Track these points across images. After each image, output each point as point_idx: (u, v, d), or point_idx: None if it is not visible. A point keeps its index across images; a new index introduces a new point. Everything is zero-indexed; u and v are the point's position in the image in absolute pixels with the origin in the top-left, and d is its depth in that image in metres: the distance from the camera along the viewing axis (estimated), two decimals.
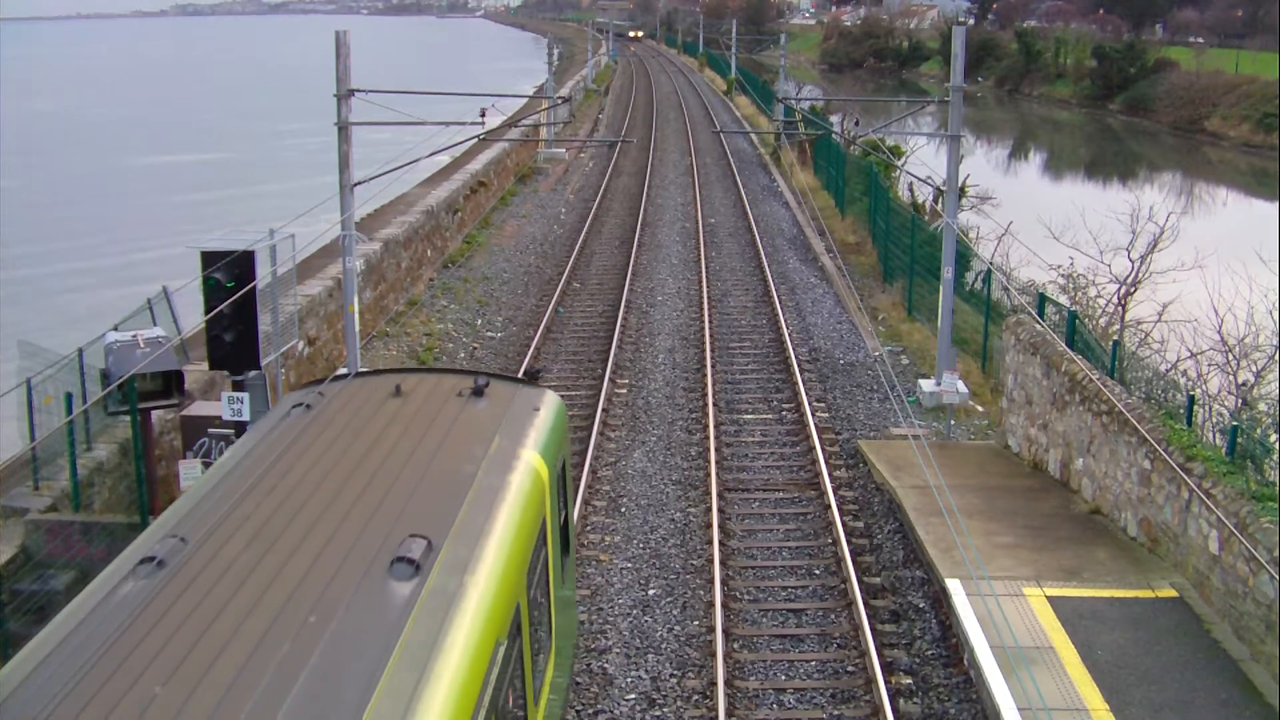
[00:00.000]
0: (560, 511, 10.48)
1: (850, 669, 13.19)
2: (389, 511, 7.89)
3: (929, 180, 30.16)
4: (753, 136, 59.83)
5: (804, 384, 22.38)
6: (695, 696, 12.69)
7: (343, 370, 14.31)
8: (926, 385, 21.14)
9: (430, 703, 6.06)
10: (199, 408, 15.40)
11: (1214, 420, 15.25)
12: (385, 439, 9.27)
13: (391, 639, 6.38)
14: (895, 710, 12.12)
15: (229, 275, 12.77)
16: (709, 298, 29.06)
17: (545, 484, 9.48)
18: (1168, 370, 21.93)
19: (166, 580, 7.01)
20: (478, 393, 10.36)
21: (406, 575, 7.01)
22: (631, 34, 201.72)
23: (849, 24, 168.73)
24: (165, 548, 7.35)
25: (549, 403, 10.74)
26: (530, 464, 9.30)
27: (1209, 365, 24.26)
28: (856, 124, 45.52)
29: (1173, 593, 13.62)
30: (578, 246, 35.01)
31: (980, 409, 21.40)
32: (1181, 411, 14.91)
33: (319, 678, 6.04)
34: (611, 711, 12.44)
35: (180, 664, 6.09)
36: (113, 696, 5.80)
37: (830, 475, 18.19)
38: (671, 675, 13.12)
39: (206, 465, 13.81)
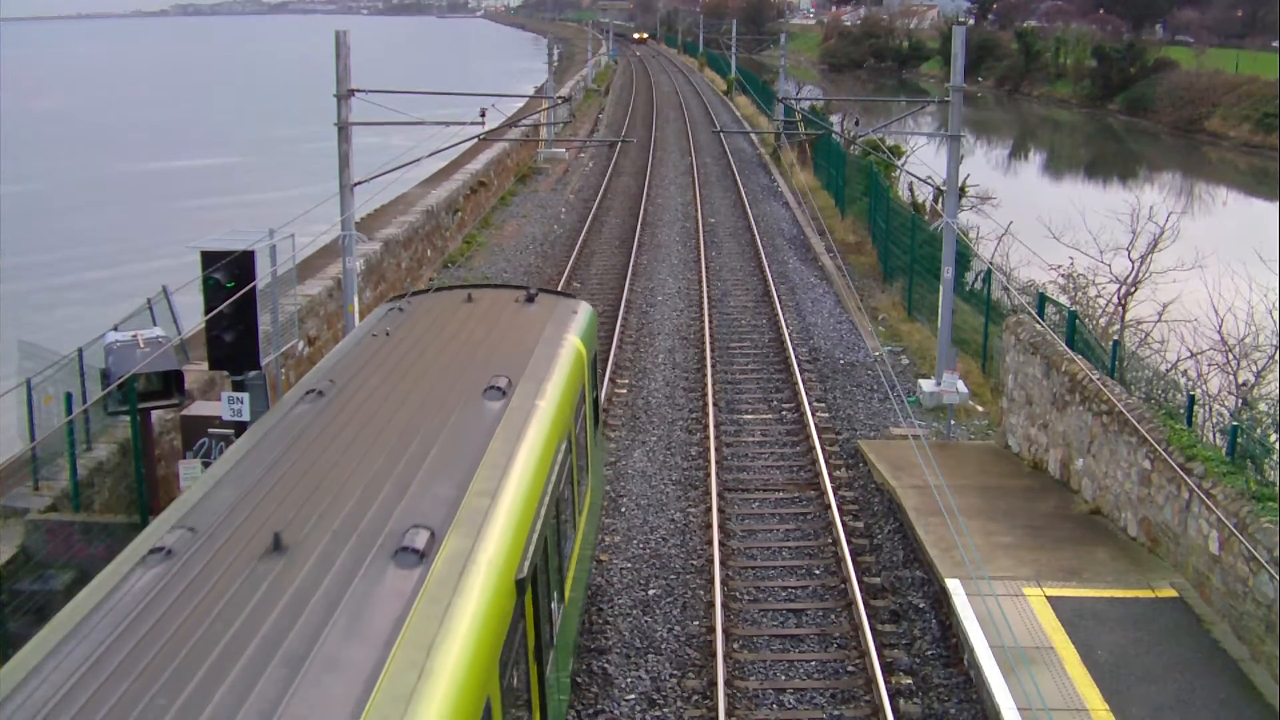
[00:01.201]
0: (594, 387, 13.79)
1: (850, 669, 13.19)
2: (477, 366, 11.09)
3: (929, 180, 30.19)
4: (753, 136, 59.83)
5: (804, 384, 22.38)
6: (695, 696, 12.69)
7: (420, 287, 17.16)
8: (926, 385, 21.16)
9: (522, 468, 9.17)
10: (199, 408, 15.40)
11: (1214, 420, 15.27)
12: (465, 326, 12.59)
13: (484, 441, 9.34)
14: (895, 710, 12.12)
15: (229, 275, 12.75)
16: (709, 298, 29.06)
17: (583, 358, 12.79)
18: (1168, 370, 21.93)
19: (326, 406, 10.08)
20: (530, 299, 13.86)
21: (496, 398, 10.29)
22: (636, 36, 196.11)
23: (849, 24, 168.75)
24: (324, 377, 10.89)
25: (583, 308, 14.11)
26: (573, 343, 12.59)
27: (1209, 365, 24.27)
28: (856, 124, 45.51)
29: (1173, 593, 13.61)
30: (578, 246, 35.01)
31: (980, 409, 21.40)
32: (1181, 411, 14.91)
33: (442, 462, 8.87)
34: (611, 711, 12.44)
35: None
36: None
37: (830, 475, 18.19)
38: (671, 675, 13.12)
39: (206, 465, 13.80)
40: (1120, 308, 28.72)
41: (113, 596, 6.95)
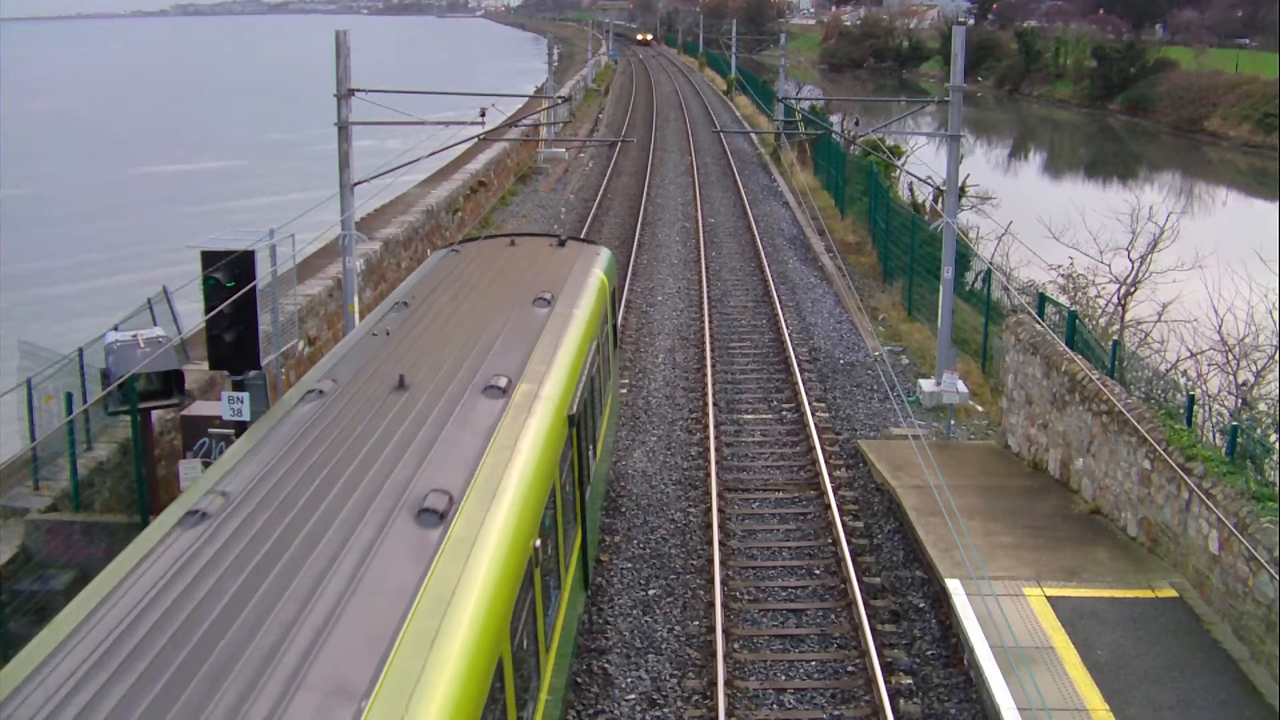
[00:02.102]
0: (613, 314, 17.17)
1: (850, 669, 13.19)
2: (524, 287, 14.32)
3: (929, 180, 30.18)
4: (753, 136, 59.82)
5: (804, 384, 22.38)
6: (695, 697, 12.69)
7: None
8: (926, 385, 21.16)
9: (566, 347, 12.47)
10: (199, 408, 15.40)
11: (1214, 420, 15.26)
12: (511, 262, 15.84)
13: (538, 332, 12.58)
14: (895, 710, 12.12)
15: (229, 275, 12.75)
16: (709, 297, 29.06)
17: (606, 288, 16.04)
18: (1168, 370, 21.93)
19: (414, 311, 13.31)
20: (561, 244, 17.24)
21: (543, 306, 13.58)
22: (639, 37, 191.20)
23: (849, 24, 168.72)
24: (403, 298, 14.01)
25: (604, 251, 17.53)
26: (597, 275, 15.88)
27: (1209, 365, 24.26)
28: (856, 124, 45.48)
29: (1173, 593, 13.62)
30: None
31: (980, 409, 21.40)
32: (1181, 411, 14.90)
33: (508, 342, 12.04)
34: (612, 712, 12.44)
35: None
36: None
37: (830, 475, 18.19)
38: (672, 675, 13.12)
39: (206, 465, 13.80)
40: (1120, 308, 28.72)
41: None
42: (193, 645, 6.35)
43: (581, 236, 24.10)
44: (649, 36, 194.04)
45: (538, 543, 9.10)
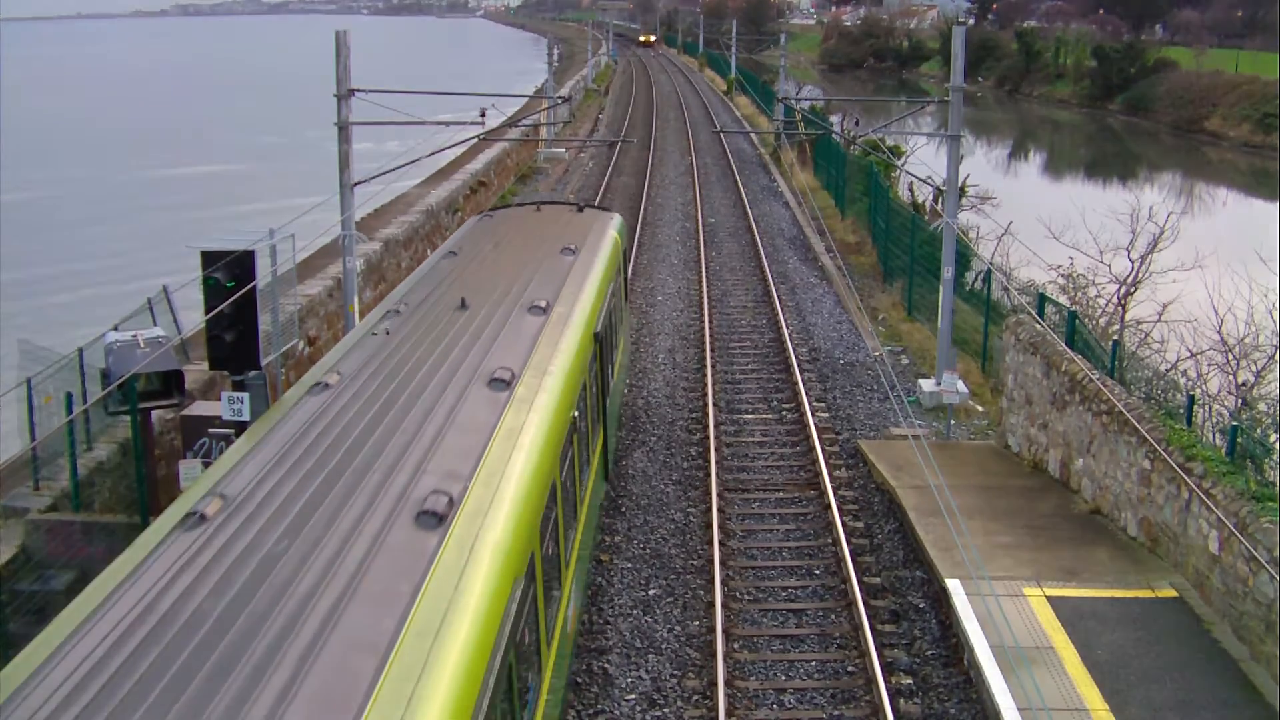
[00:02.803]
0: (623, 268, 20.01)
1: (850, 669, 13.19)
2: (551, 240, 17.21)
3: (929, 180, 30.16)
4: (753, 136, 59.81)
5: (804, 384, 22.38)
6: (695, 696, 12.69)
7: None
8: (926, 385, 21.16)
9: (590, 282, 15.26)
10: (199, 408, 15.40)
11: (1214, 420, 15.27)
12: (539, 224, 18.90)
13: (566, 271, 15.40)
14: (895, 710, 12.12)
15: (229, 275, 12.76)
16: (709, 297, 29.06)
17: (619, 245, 18.95)
18: (1168, 370, 21.94)
19: (461, 259, 16.18)
20: (580, 209, 20.38)
21: (569, 255, 16.46)
22: (642, 39, 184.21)
23: (849, 24, 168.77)
24: (450, 249, 17.09)
25: (616, 216, 20.53)
26: (611, 234, 18.79)
27: (1209, 365, 24.27)
28: (856, 124, 45.48)
29: (1173, 593, 13.62)
30: None
31: (980, 409, 21.40)
32: (1181, 411, 14.91)
33: (542, 280, 14.68)
34: (612, 711, 12.44)
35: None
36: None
37: (830, 475, 18.19)
38: (672, 675, 13.12)
39: (206, 465, 13.80)
40: (1120, 308, 28.72)
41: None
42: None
43: (596, 204, 27.45)
44: (652, 38, 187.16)
45: (576, 413, 12.28)
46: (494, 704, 6.91)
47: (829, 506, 17.07)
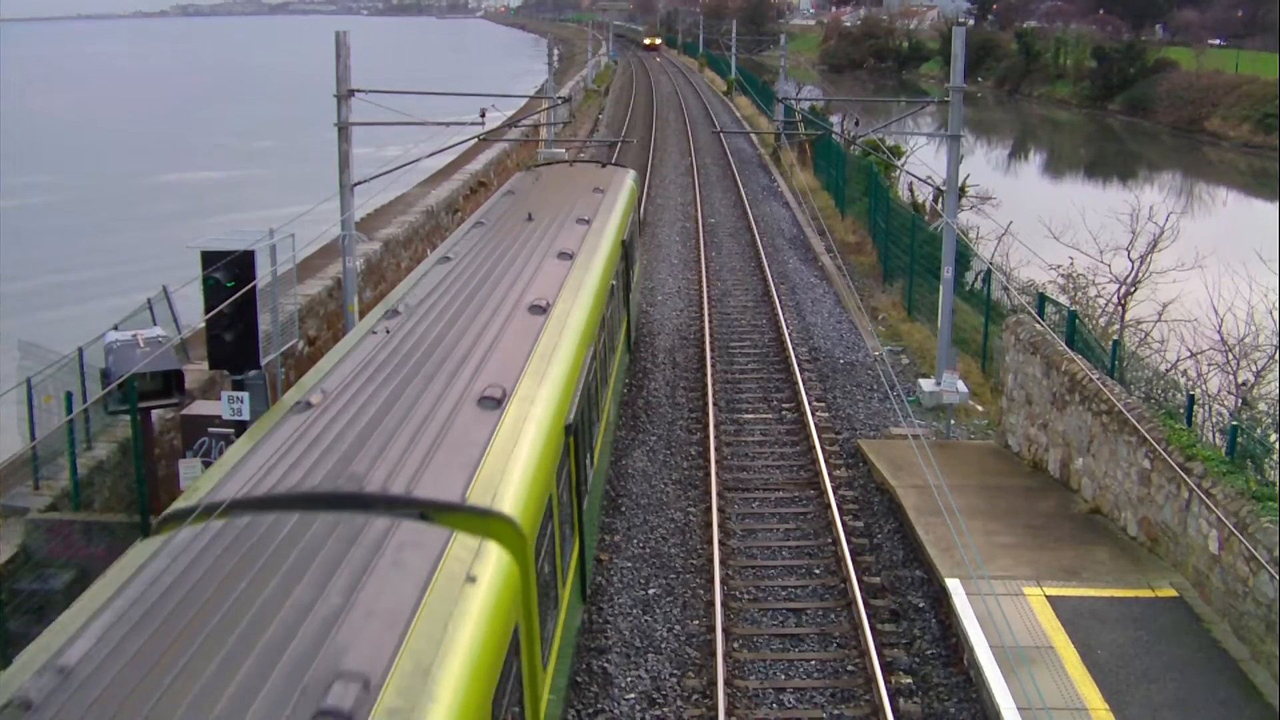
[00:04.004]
0: (637, 208, 25.05)
1: (850, 668, 13.19)
2: (584, 185, 22.18)
3: (929, 180, 30.16)
4: (753, 137, 59.80)
5: (804, 383, 22.38)
6: (695, 696, 12.69)
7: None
8: (926, 385, 21.13)
9: (614, 216, 20.05)
10: (199, 407, 15.41)
11: (1214, 420, 15.26)
12: (573, 175, 24.30)
13: (599, 203, 20.64)
14: (895, 710, 12.12)
15: (229, 275, 12.76)
16: (709, 297, 29.06)
17: (634, 191, 24.07)
18: (1168, 370, 21.95)
19: (517, 197, 21.38)
20: (603, 165, 26.10)
21: (598, 195, 21.38)
22: (646, 41, 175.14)
23: (849, 24, 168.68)
24: (509, 190, 22.88)
25: (631, 171, 26.22)
26: (628, 180, 24.11)
27: (1209, 365, 24.28)
28: (856, 124, 45.45)
29: (1173, 592, 13.62)
30: None
31: (980, 408, 21.40)
32: (1181, 411, 14.91)
33: (578, 211, 19.35)
34: (611, 711, 12.44)
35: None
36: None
37: (830, 475, 18.19)
38: (671, 674, 13.12)
39: (206, 465, 13.80)
40: (1120, 308, 28.73)
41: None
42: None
43: (614, 162, 34.12)
44: (657, 40, 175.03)
45: (614, 282, 17.80)
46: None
47: (829, 506, 17.07)
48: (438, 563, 7.05)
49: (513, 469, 8.83)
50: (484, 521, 7.97)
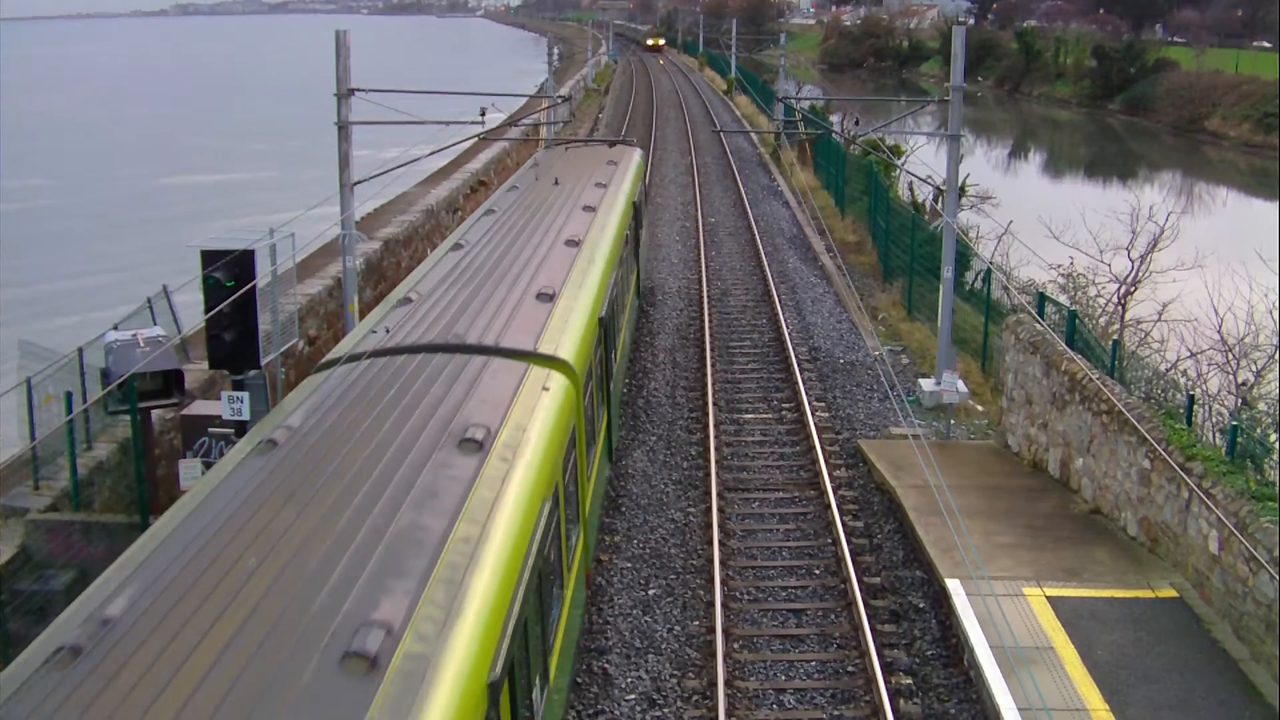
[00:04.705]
0: (644, 179, 28.67)
1: (850, 669, 13.18)
2: (600, 160, 26.26)
3: (929, 180, 30.17)
4: (753, 136, 59.77)
5: (804, 383, 22.37)
6: (695, 697, 12.69)
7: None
8: (926, 385, 21.13)
9: (625, 187, 23.39)
10: (199, 407, 15.39)
11: (1214, 420, 15.25)
12: (589, 151, 28.90)
13: (613, 171, 24.70)
14: (895, 710, 12.12)
15: (229, 274, 12.76)
16: (709, 297, 29.06)
17: (642, 163, 28.34)
18: (1168, 370, 21.93)
19: (541, 171, 25.01)
20: (612, 145, 29.90)
21: (612, 168, 24.98)
22: (650, 42, 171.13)
23: (849, 24, 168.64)
24: (532, 164, 27.24)
25: (638, 149, 29.45)
26: (637, 157, 27.89)
27: (1209, 365, 24.28)
28: (856, 123, 45.48)
29: (1173, 593, 13.62)
30: None
31: (980, 408, 21.40)
32: (1181, 411, 14.90)
33: (596, 181, 23.02)
34: (611, 712, 12.44)
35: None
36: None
37: (830, 475, 18.18)
38: (671, 675, 13.12)
39: (207, 465, 13.80)
40: (1120, 307, 28.72)
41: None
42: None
43: (623, 139, 36.99)
44: (661, 41, 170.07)
45: (628, 233, 21.14)
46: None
47: (829, 506, 17.06)
48: (523, 378, 11.10)
49: (565, 335, 12.86)
50: (549, 360, 11.95)
